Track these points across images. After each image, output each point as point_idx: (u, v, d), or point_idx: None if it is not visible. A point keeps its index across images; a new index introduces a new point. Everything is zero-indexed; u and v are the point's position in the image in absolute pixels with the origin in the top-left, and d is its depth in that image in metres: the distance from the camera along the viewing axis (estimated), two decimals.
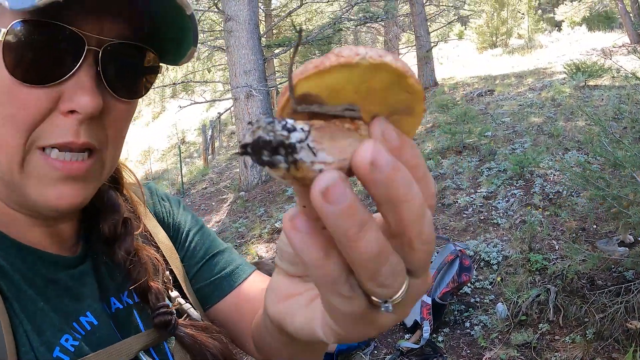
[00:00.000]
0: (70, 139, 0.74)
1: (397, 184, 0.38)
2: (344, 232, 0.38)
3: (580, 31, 25.53)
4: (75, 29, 0.73)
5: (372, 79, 0.42)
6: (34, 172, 0.75)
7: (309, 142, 0.39)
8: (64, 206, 0.78)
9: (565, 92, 12.41)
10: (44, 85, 0.72)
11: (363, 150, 0.38)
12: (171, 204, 1.16)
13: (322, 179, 0.37)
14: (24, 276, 0.79)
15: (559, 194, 7.09)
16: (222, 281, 1.09)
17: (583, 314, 4.63)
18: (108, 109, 0.79)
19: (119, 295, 0.94)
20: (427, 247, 0.42)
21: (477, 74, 19.38)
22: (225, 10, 11.22)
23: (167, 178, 18.14)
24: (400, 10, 19.85)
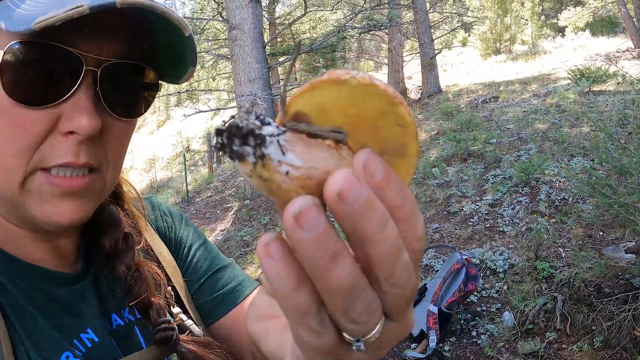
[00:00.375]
0: (70, 159, 0.74)
1: (365, 221, 0.36)
2: (315, 261, 0.36)
3: (584, 36, 25.51)
4: (73, 50, 0.73)
5: (361, 102, 0.41)
6: (35, 190, 0.75)
7: (280, 138, 0.39)
8: (64, 222, 0.77)
9: (570, 98, 12.40)
10: (42, 107, 0.72)
11: (333, 179, 0.36)
12: (173, 218, 1.16)
13: (295, 203, 0.36)
14: (24, 292, 0.79)
15: (565, 200, 7.06)
16: (225, 298, 1.08)
17: (590, 322, 4.60)
18: (107, 129, 0.79)
19: (120, 311, 0.94)
20: (399, 291, 0.40)
21: (481, 81, 19.37)
22: (230, 19, 11.25)
23: (172, 186, 18.17)
24: (404, 17, 19.89)
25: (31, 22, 0.66)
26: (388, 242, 0.37)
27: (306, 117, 0.43)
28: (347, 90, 0.40)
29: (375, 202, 0.36)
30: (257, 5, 11.45)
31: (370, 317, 0.40)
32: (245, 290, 1.10)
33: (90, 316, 0.86)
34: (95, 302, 0.89)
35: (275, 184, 0.38)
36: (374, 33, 15.81)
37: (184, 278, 1.08)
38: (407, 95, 19.95)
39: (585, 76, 13.06)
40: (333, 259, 0.36)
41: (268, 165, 0.38)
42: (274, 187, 0.39)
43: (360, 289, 0.38)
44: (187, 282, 1.08)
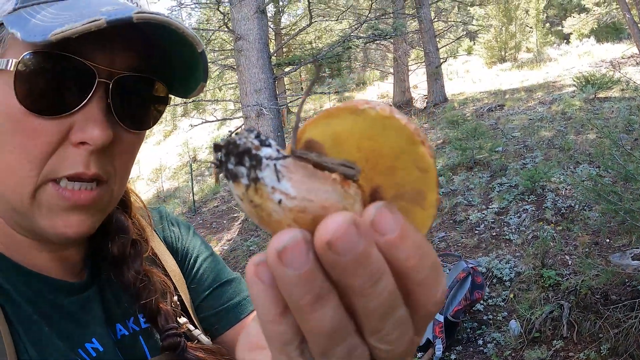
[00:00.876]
0: (81, 169, 0.75)
1: (354, 275, 0.33)
2: (296, 300, 0.34)
3: (589, 43, 25.43)
4: (87, 62, 0.74)
5: (378, 136, 0.38)
6: (45, 202, 0.76)
7: (278, 163, 0.35)
8: (71, 235, 0.78)
9: (575, 105, 12.38)
10: (54, 117, 0.73)
11: (326, 224, 0.33)
12: (180, 228, 1.15)
13: (281, 237, 0.33)
14: (29, 301, 0.80)
15: (571, 208, 7.06)
16: (228, 312, 1.07)
17: (597, 330, 4.59)
18: (117, 140, 0.79)
19: (124, 321, 0.93)
20: (388, 347, 0.37)
21: (486, 89, 19.34)
22: (236, 30, 11.30)
23: (178, 196, 18.19)
24: (409, 27, 19.92)
25: (48, 33, 0.67)
26: (379, 298, 0.34)
27: (319, 147, 0.40)
28: (363, 121, 0.38)
29: (370, 258, 0.33)
30: (263, 16, 11.50)
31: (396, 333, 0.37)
32: (250, 306, 1.08)
33: (95, 326, 0.86)
34: (100, 311, 0.89)
35: (266, 213, 0.36)
36: (379, 43, 15.85)
37: (189, 289, 1.07)
38: (413, 104, 19.94)
39: (591, 83, 13.03)
40: (315, 301, 0.34)
41: (261, 190, 0.35)
42: (265, 216, 0.36)
43: (343, 335, 0.36)
44: (192, 294, 1.07)
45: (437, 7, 22.74)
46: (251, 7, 11.15)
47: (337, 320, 0.35)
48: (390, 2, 18.31)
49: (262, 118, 11.21)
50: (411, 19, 19.80)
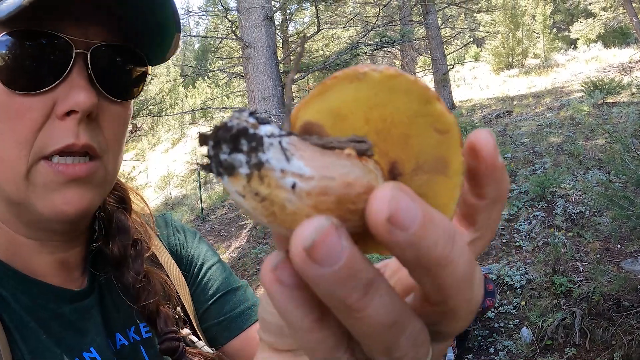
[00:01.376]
0: (71, 140, 0.75)
1: (430, 245, 0.28)
2: (342, 300, 0.28)
3: (596, 48, 25.39)
4: (62, 35, 0.75)
5: (386, 102, 0.33)
6: (40, 180, 0.76)
7: (283, 140, 0.29)
8: (71, 211, 0.77)
9: (584, 110, 12.33)
10: (38, 92, 0.74)
11: (377, 201, 0.28)
12: (186, 236, 1.14)
13: (305, 229, 0.27)
14: (27, 308, 0.79)
15: (582, 214, 7.02)
16: (232, 322, 1.04)
17: (610, 337, 4.56)
18: (103, 111, 0.80)
19: (125, 330, 0.92)
20: (474, 314, 0.34)
21: (494, 95, 19.33)
22: (244, 38, 11.35)
23: (186, 204, 18.23)
24: (416, 33, 19.95)
25: (20, 2, 0.68)
26: (462, 261, 0.30)
27: (318, 129, 0.34)
28: (367, 88, 0.32)
29: (435, 217, 0.29)
30: (271, 23, 11.55)
31: (419, 351, 0.32)
32: (255, 316, 1.05)
33: (94, 335, 0.85)
34: (100, 320, 0.88)
35: (278, 205, 0.29)
36: (387, 50, 15.88)
37: (193, 298, 1.05)
38: None
39: (599, 88, 12.99)
40: (365, 293, 0.28)
41: (268, 177, 0.28)
42: (277, 210, 0.29)
43: (405, 322, 0.31)
44: (195, 302, 1.05)
45: (444, 13, 22.79)
46: (259, 15, 11.20)
47: (396, 307, 0.30)
48: (397, 9, 18.35)
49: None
50: (418, 26, 19.84)
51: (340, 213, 0.29)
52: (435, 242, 0.28)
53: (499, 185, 0.33)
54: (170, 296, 0.97)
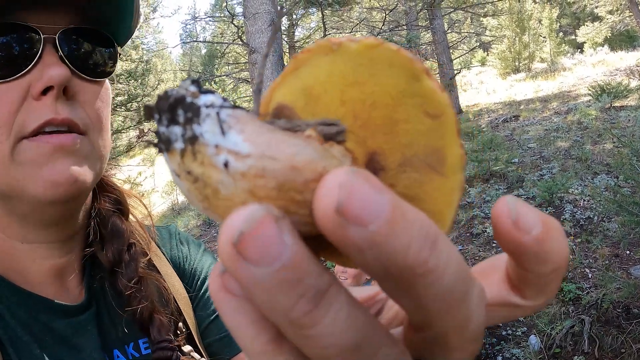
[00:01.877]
0: (51, 116, 0.75)
1: (399, 247, 0.22)
2: (284, 312, 0.23)
3: (603, 52, 25.36)
4: (30, 24, 0.77)
5: (367, 78, 0.27)
6: (26, 158, 0.75)
7: (222, 112, 0.25)
8: (61, 182, 0.76)
9: (591, 114, 12.29)
10: (12, 78, 0.75)
11: (325, 185, 0.22)
12: (190, 247, 1.12)
13: (234, 219, 0.22)
14: (21, 322, 0.78)
15: (590, 219, 6.97)
16: (233, 339, 1.01)
17: (619, 345, 4.51)
18: (79, 90, 0.81)
19: (123, 347, 0.90)
20: (474, 346, 0.27)
21: (501, 100, 19.31)
22: (250, 43, 11.38)
23: (193, 209, 18.24)
24: (423, 38, 19.96)
25: None
26: (448, 272, 0.23)
27: (289, 111, 0.30)
28: (343, 61, 0.27)
29: (408, 212, 0.23)
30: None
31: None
32: None
33: (90, 350, 0.84)
34: (96, 336, 0.86)
35: (211, 188, 0.24)
36: None
37: (195, 313, 1.03)
38: None
39: (606, 92, 12.95)
40: (316, 304, 0.23)
41: (200, 153, 0.24)
42: (210, 193, 0.25)
43: (374, 345, 0.25)
44: (197, 317, 1.03)
45: (450, 18, 22.77)
46: (265, 20, 11.22)
47: (358, 324, 0.24)
48: (403, 14, 18.35)
49: None
50: (424, 31, 19.84)
51: (284, 203, 0.24)
52: (408, 244, 0.22)
53: (542, 261, 0.27)
54: (168, 302, 0.95)
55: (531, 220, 0.26)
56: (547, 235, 0.26)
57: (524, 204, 0.27)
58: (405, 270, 0.23)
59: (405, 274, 0.23)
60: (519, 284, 0.30)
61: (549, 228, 0.26)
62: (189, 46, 51.55)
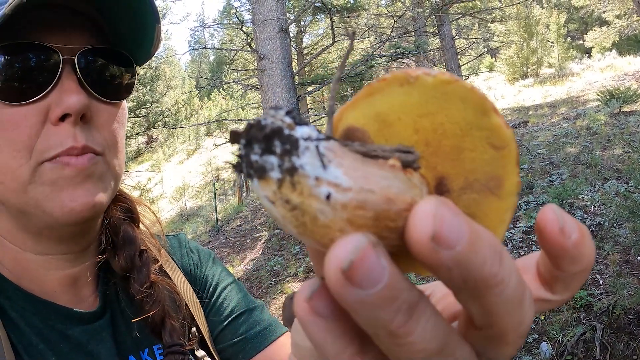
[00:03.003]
0: (70, 144, 0.76)
1: (478, 263, 0.26)
2: (384, 326, 0.26)
3: (611, 56, 25.28)
4: (48, 44, 0.77)
5: (439, 110, 0.30)
6: (47, 179, 0.76)
7: (321, 145, 0.27)
8: (80, 208, 0.77)
9: (600, 120, 12.25)
10: (31, 101, 0.75)
11: (420, 217, 0.26)
12: (200, 256, 1.13)
13: (341, 249, 0.25)
14: (36, 330, 0.79)
15: (601, 225, 6.96)
16: (247, 344, 1.03)
17: (631, 352, 4.50)
18: (96, 112, 0.82)
19: (138, 352, 0.91)
20: (523, 340, 0.32)
21: (509, 106, 19.27)
22: (259, 50, 11.41)
23: (201, 215, 18.30)
24: (431, 44, 19.95)
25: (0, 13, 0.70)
26: (512, 282, 0.28)
27: (361, 134, 0.32)
28: (418, 93, 0.30)
29: (481, 234, 0.27)
30: (286, 35, 11.61)
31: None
32: (271, 336, 1.04)
33: (106, 357, 0.84)
34: (111, 342, 0.87)
35: (310, 216, 0.26)
36: (401, 61, 15.88)
37: (207, 319, 1.04)
38: None
39: (615, 97, 12.91)
40: (410, 316, 0.27)
41: (300, 184, 0.26)
42: (308, 221, 0.27)
43: (453, 348, 0.29)
44: (210, 323, 1.04)
45: (458, 24, 22.75)
46: (274, 27, 11.27)
47: (442, 332, 0.28)
48: (411, 20, 18.37)
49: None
50: (432, 37, 19.84)
51: (377, 230, 0.27)
52: (484, 261, 0.26)
53: (576, 262, 0.31)
54: (180, 307, 0.97)
55: (572, 227, 0.30)
56: (583, 240, 0.31)
57: (564, 212, 0.31)
58: (481, 282, 0.27)
59: (480, 284, 0.27)
60: (550, 281, 0.34)
61: (583, 234, 0.31)
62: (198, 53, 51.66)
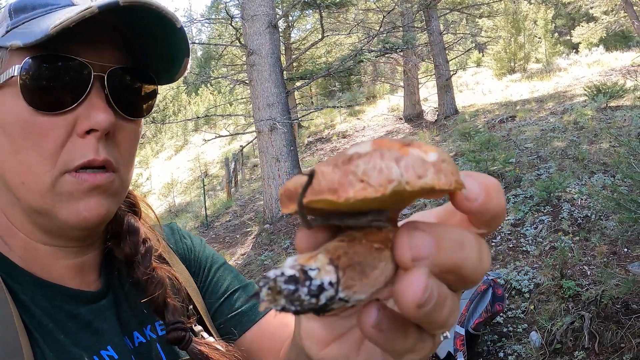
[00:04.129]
0: (92, 156, 0.81)
1: (441, 311, 0.39)
2: (438, 321, 0.39)
3: (598, 52, 25.42)
4: (82, 59, 0.81)
5: (408, 198, 0.38)
6: (66, 191, 0.81)
7: (340, 295, 0.35)
8: (92, 218, 0.84)
9: (587, 114, 12.35)
10: (61, 112, 0.80)
11: (407, 293, 0.37)
12: (192, 241, 1.20)
13: (368, 317, 0.39)
14: (45, 311, 0.84)
15: (588, 218, 7.03)
16: (243, 316, 1.10)
17: (619, 340, 4.57)
18: (118, 129, 0.87)
19: (142, 329, 0.97)
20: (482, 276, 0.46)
21: (497, 101, 19.36)
22: (248, 45, 11.41)
23: (190, 210, 18.26)
24: (419, 39, 20.00)
25: (47, 31, 0.75)
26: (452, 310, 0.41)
27: (335, 211, 0.39)
28: (391, 197, 0.35)
29: (443, 292, 0.39)
30: (275, 30, 11.61)
31: (454, 317, 0.42)
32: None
33: (111, 334, 0.90)
34: (115, 320, 0.92)
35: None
36: (389, 56, 15.90)
37: (204, 299, 1.11)
38: (424, 117, 19.96)
39: (602, 92, 13.02)
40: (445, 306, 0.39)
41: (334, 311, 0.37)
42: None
43: (455, 306, 0.41)
44: (207, 303, 1.11)
45: (446, 19, 22.84)
46: (263, 22, 11.27)
47: (455, 302, 0.41)
48: (399, 15, 18.41)
49: (275, 132, 11.28)
50: (421, 32, 19.89)
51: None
52: (445, 310, 0.40)
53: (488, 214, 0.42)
54: (179, 290, 1.03)
55: (475, 193, 0.40)
56: (487, 199, 0.41)
57: (469, 176, 0.41)
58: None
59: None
60: (475, 223, 0.44)
61: (488, 193, 0.41)
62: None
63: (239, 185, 19.49)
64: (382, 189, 0.33)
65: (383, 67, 31.18)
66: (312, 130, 23.19)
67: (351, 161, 0.34)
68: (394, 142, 0.36)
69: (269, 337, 1.08)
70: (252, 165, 22.60)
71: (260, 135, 11.52)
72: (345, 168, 0.34)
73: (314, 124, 23.88)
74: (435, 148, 0.37)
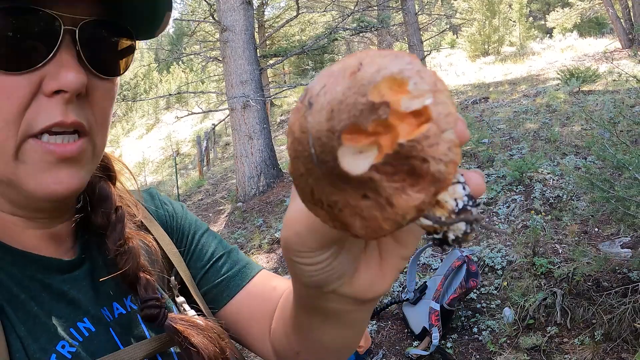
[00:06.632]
0: (59, 118, 0.72)
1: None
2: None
3: (572, 37, 25.75)
4: (50, 11, 0.71)
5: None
6: (29, 159, 0.73)
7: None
8: (62, 191, 0.76)
9: (560, 98, 12.50)
10: (27, 71, 0.71)
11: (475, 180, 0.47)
12: (174, 207, 1.14)
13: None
14: (17, 281, 0.77)
15: (559, 198, 7.11)
16: (230, 281, 1.07)
17: (590, 316, 4.63)
18: (91, 88, 0.78)
19: (122, 299, 0.91)
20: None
21: (470, 82, 19.48)
22: (222, 21, 11.25)
23: (162, 190, 18.09)
24: (394, 19, 19.96)
25: None
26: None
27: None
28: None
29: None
30: (249, 7, 11.46)
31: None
32: (250, 273, 1.08)
33: (87, 305, 0.84)
34: (91, 291, 0.87)
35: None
36: (364, 35, 15.85)
37: (189, 266, 1.07)
38: None
39: (575, 76, 13.17)
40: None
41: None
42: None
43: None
44: (191, 270, 1.07)
45: (422, 0, 22.81)
46: None
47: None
48: None
49: (248, 110, 11.19)
50: (396, 12, 19.85)
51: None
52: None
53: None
54: (156, 261, 0.97)
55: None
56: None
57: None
58: None
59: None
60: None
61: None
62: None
63: (211, 164, 19.35)
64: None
65: (357, 46, 31.10)
66: (285, 109, 23.10)
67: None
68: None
69: (259, 298, 1.05)
70: (224, 143, 22.48)
71: (233, 112, 11.41)
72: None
73: (287, 102, 23.78)
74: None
